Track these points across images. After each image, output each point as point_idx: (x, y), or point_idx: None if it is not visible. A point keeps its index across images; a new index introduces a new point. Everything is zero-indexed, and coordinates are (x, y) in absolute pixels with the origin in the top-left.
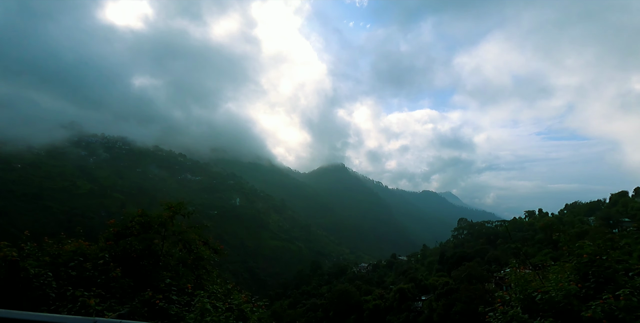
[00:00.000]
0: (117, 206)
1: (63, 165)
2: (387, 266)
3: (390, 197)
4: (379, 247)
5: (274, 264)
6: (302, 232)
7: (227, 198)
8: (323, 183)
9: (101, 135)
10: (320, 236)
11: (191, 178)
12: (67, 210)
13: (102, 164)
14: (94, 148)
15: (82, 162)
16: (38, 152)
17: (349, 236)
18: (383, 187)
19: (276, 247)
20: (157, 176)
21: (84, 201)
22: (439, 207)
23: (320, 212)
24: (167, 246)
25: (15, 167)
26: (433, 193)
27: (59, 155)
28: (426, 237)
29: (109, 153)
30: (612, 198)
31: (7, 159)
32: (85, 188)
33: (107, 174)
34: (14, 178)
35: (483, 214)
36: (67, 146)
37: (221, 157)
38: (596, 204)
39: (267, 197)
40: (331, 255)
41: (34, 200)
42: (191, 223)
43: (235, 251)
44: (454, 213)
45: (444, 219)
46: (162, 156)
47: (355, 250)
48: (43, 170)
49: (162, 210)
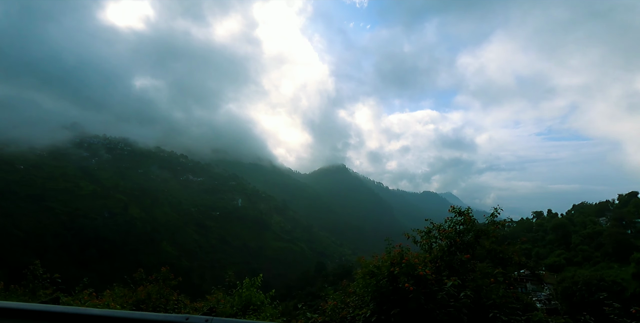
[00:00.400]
0: (121, 207)
1: (65, 166)
2: None
3: (391, 197)
4: (380, 248)
5: (277, 265)
6: (304, 233)
7: (229, 199)
8: (324, 184)
9: (103, 136)
10: (322, 237)
11: (193, 179)
12: (70, 211)
13: (104, 165)
14: (96, 149)
15: (84, 163)
16: (40, 153)
17: (351, 237)
18: (384, 187)
19: (279, 248)
20: (159, 177)
21: (87, 202)
22: (439, 207)
23: (322, 213)
24: None
25: (18, 168)
26: (433, 193)
27: (61, 156)
28: None
29: (111, 154)
30: (622, 198)
31: (9, 160)
32: (88, 190)
33: (109, 175)
34: (17, 179)
35: (484, 215)
36: (69, 147)
37: (222, 158)
38: (604, 205)
39: (269, 198)
40: (333, 256)
41: (37, 202)
42: None
43: (239, 252)
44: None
45: (444, 220)
46: (163, 157)
47: (357, 251)
48: (45, 172)
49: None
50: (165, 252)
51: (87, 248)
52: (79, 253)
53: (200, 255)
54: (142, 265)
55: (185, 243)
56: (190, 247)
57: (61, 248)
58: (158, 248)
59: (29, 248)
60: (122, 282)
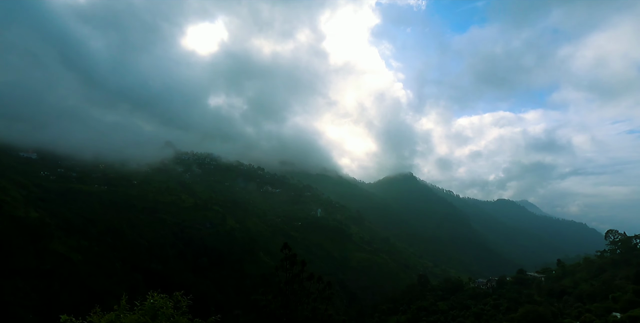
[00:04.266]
0: (219, 218)
1: (167, 180)
2: (518, 282)
3: (464, 206)
4: (459, 260)
5: (362, 277)
6: (382, 243)
7: (308, 209)
8: (391, 193)
9: (191, 153)
10: (400, 248)
11: (272, 190)
12: (179, 222)
13: (196, 179)
14: (189, 164)
15: (180, 177)
16: (147, 170)
17: (427, 248)
18: (455, 196)
19: (362, 259)
20: (244, 189)
21: (190, 214)
22: (518, 217)
23: (393, 223)
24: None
25: (133, 183)
26: (510, 201)
27: (162, 172)
28: (511, 251)
29: (202, 169)
30: None
31: (126, 176)
32: (189, 202)
33: (203, 188)
34: (134, 193)
35: (573, 224)
36: (168, 164)
37: (290, 169)
38: None
39: (343, 208)
40: (417, 268)
41: (151, 213)
42: None
43: (325, 263)
44: (536, 224)
45: (525, 230)
46: (244, 170)
47: (438, 263)
48: (153, 186)
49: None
50: (263, 262)
51: (199, 257)
52: (192, 262)
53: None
54: (246, 275)
55: (277, 253)
56: (281, 257)
57: (178, 256)
58: (256, 258)
59: (154, 256)
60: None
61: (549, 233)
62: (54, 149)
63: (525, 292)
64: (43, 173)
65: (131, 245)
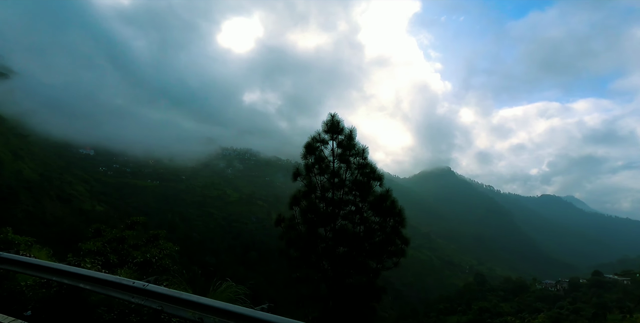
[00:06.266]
0: (264, 213)
1: (211, 175)
2: (595, 285)
3: (505, 202)
4: (505, 258)
5: (406, 273)
6: (423, 240)
7: None
8: (428, 188)
9: (232, 149)
10: (441, 244)
11: None
12: (226, 216)
13: (238, 174)
14: (230, 160)
15: (223, 173)
16: (193, 166)
17: (469, 245)
18: (495, 191)
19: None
20: (284, 184)
21: (236, 208)
22: (564, 213)
23: (431, 219)
24: None
25: (181, 178)
26: (555, 197)
27: (207, 168)
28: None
29: (243, 164)
30: None
31: (175, 172)
32: (234, 197)
33: (245, 183)
34: (183, 188)
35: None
36: (211, 159)
37: None
38: None
39: None
40: (462, 266)
41: (200, 207)
42: None
43: None
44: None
45: (573, 228)
46: (281, 165)
47: (482, 261)
48: (200, 181)
49: None
50: None
51: (249, 250)
52: (242, 255)
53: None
54: None
55: None
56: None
57: (228, 250)
58: None
59: (206, 249)
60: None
61: (598, 231)
62: (108, 145)
63: (608, 297)
64: (101, 168)
65: (185, 238)
